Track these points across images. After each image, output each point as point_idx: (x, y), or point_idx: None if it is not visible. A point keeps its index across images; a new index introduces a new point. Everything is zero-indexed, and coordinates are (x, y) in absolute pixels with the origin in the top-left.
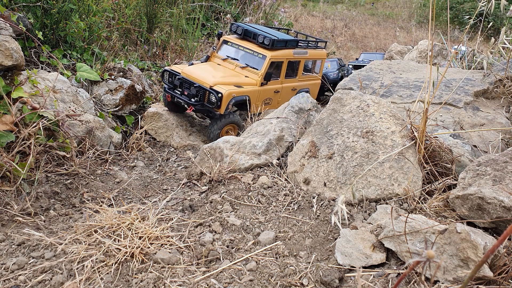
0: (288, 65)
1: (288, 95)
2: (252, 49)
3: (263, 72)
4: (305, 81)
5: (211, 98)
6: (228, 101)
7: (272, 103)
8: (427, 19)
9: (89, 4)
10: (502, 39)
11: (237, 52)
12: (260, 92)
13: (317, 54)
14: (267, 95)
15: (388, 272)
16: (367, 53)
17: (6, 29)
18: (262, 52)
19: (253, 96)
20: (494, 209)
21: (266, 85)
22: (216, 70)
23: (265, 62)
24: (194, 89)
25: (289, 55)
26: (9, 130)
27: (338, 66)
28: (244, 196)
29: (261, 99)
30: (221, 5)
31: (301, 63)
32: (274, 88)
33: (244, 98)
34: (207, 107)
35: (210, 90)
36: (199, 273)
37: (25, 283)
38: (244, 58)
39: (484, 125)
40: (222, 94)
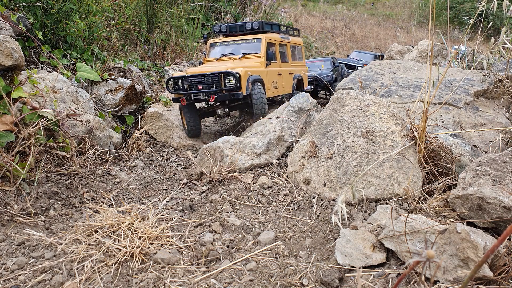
0: (280, 49)
1: (288, 79)
2: (244, 39)
3: (264, 53)
4: (296, 67)
5: (229, 82)
6: (246, 79)
7: (278, 87)
8: (427, 19)
9: (89, 4)
10: (502, 39)
11: (229, 48)
12: (268, 73)
13: (297, 41)
14: (273, 77)
15: (388, 272)
16: (358, 52)
17: (6, 29)
18: (255, 36)
19: (264, 76)
20: (494, 209)
21: (270, 66)
22: (219, 64)
23: (262, 43)
24: (208, 78)
25: (278, 38)
26: (9, 130)
27: (332, 66)
28: (244, 196)
29: (270, 80)
30: (221, 5)
31: (288, 47)
32: (277, 70)
33: (257, 77)
34: (228, 92)
35: (226, 73)
36: (199, 273)
37: (25, 283)
38: (238, 49)
39: (484, 125)
40: (239, 73)
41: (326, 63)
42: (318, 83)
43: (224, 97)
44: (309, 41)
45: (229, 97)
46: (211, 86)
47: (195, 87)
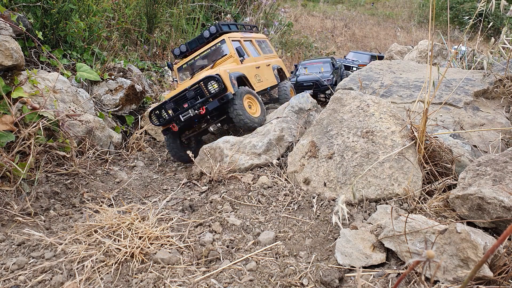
0: (246, 45)
1: (269, 71)
2: (207, 48)
3: (233, 51)
4: (271, 59)
5: (211, 86)
6: (228, 77)
7: (262, 80)
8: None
9: (89, 4)
10: (502, 39)
11: (198, 63)
12: (247, 68)
13: (260, 36)
14: (254, 72)
15: (388, 272)
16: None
17: (6, 29)
18: (217, 40)
19: (245, 71)
20: (494, 209)
21: (244, 61)
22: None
23: (227, 43)
24: (190, 92)
25: (241, 35)
26: (9, 130)
27: (332, 68)
28: (244, 196)
29: (252, 75)
30: (221, 5)
31: (254, 42)
32: (254, 64)
33: (239, 74)
34: (215, 97)
35: (205, 79)
36: (199, 273)
37: (25, 283)
38: (207, 60)
39: (484, 125)
40: (218, 73)
41: (325, 65)
42: (318, 87)
43: (214, 104)
44: (309, 41)
45: (220, 102)
46: (195, 97)
47: (180, 108)
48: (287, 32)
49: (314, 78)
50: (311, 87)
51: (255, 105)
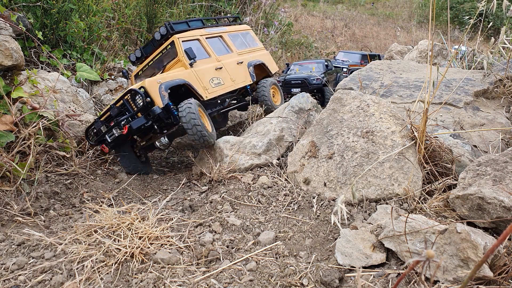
0: (210, 43)
1: (238, 70)
2: (159, 51)
3: (182, 53)
4: (249, 53)
5: (137, 100)
6: (157, 89)
7: (225, 82)
8: (427, 19)
9: (89, 4)
10: (502, 39)
11: (151, 71)
12: (197, 73)
13: (241, 28)
14: (209, 75)
15: (388, 272)
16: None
17: (6, 29)
18: (166, 44)
19: (191, 78)
20: (494, 209)
21: (197, 64)
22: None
23: (176, 45)
24: (114, 110)
25: (202, 33)
26: (9, 130)
27: (324, 69)
28: (244, 196)
29: (205, 80)
30: (221, 5)
31: (226, 37)
32: (213, 66)
33: (177, 81)
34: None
35: (129, 92)
36: (199, 273)
37: (25, 283)
38: (160, 64)
39: (484, 125)
40: (143, 86)
41: (318, 66)
42: (306, 86)
43: (140, 122)
44: (309, 41)
45: (146, 118)
46: (121, 114)
47: (108, 123)
48: (287, 32)
49: (302, 76)
50: (299, 85)
51: (204, 117)
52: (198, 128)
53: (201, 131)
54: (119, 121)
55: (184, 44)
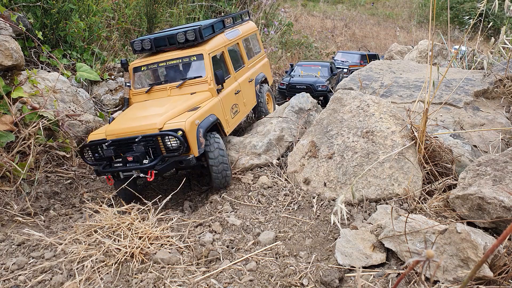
0: (230, 54)
1: (250, 91)
2: (178, 57)
3: (211, 75)
4: (255, 65)
5: (170, 144)
6: (195, 133)
7: (240, 110)
8: (427, 19)
9: (89, 4)
10: (502, 39)
11: (161, 72)
12: (224, 102)
13: (249, 29)
14: (231, 102)
15: (388, 272)
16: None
17: (6, 29)
18: (194, 52)
19: (219, 111)
20: (494, 209)
21: (223, 89)
22: (151, 107)
23: (205, 61)
24: (140, 146)
25: (225, 41)
26: (9, 130)
27: (329, 74)
28: (244, 196)
29: (227, 110)
30: (221, 5)
31: (241, 45)
32: (234, 89)
33: (211, 120)
34: (172, 156)
35: (163, 133)
36: (199, 273)
37: (25, 283)
38: (174, 73)
39: (484, 125)
40: (183, 129)
41: (323, 70)
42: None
43: (168, 168)
44: (309, 41)
45: (176, 165)
46: (146, 155)
47: (122, 157)
48: (287, 32)
49: (308, 81)
50: (303, 90)
51: None
52: (225, 167)
53: (226, 171)
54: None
55: (214, 62)
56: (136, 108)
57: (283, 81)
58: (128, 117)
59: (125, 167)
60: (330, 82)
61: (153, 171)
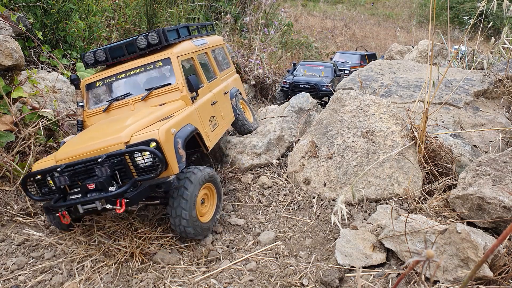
0: (201, 64)
1: (226, 104)
2: (141, 64)
3: (183, 80)
4: (227, 79)
5: (142, 161)
6: (173, 144)
7: (219, 123)
8: (427, 19)
9: (89, 4)
10: (502, 39)
11: (121, 85)
12: (200, 112)
13: (216, 41)
14: (209, 113)
15: (388, 272)
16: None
17: (6, 29)
18: (159, 56)
19: (196, 121)
20: (494, 209)
21: (198, 97)
22: (111, 124)
23: (174, 65)
24: (103, 169)
25: (194, 48)
26: (9, 130)
27: (332, 75)
28: (245, 196)
29: (206, 122)
30: (221, 5)
31: (210, 56)
32: (210, 99)
33: (190, 130)
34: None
35: (131, 149)
36: (199, 273)
37: (25, 283)
38: (137, 85)
39: (484, 125)
40: (157, 139)
41: (326, 70)
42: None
43: (143, 194)
44: (309, 41)
45: (153, 190)
46: (110, 178)
47: (80, 184)
48: (287, 32)
49: (312, 80)
50: (308, 90)
51: (212, 198)
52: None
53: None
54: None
55: (183, 67)
56: (93, 128)
57: (286, 79)
58: (84, 137)
59: (86, 198)
60: (333, 84)
61: (123, 199)
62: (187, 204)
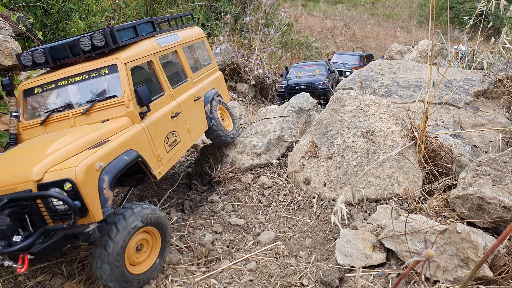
0: (164, 65)
1: (195, 113)
2: (84, 71)
3: (130, 93)
4: (204, 79)
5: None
6: (96, 183)
7: (181, 139)
8: (427, 19)
9: (89, 4)
10: (502, 39)
11: (60, 93)
12: (151, 131)
13: (193, 35)
14: (166, 129)
15: (388, 272)
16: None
17: (6, 29)
18: (104, 62)
19: (143, 144)
20: (494, 209)
21: (149, 112)
22: (33, 148)
23: (120, 74)
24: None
25: (155, 48)
26: None
27: (326, 72)
28: (245, 196)
29: (159, 142)
30: (221, 5)
31: (180, 54)
32: (170, 111)
33: (127, 160)
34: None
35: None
36: (199, 273)
37: (25, 283)
38: (79, 95)
39: (484, 125)
40: (72, 179)
41: (320, 68)
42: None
43: (56, 247)
44: (309, 41)
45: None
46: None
47: None
48: (287, 32)
49: (307, 80)
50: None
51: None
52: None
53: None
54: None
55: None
56: (17, 149)
57: (281, 84)
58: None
59: None
60: (329, 80)
61: (26, 255)
62: (109, 257)
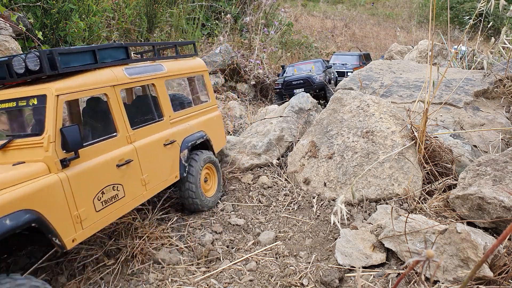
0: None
1: (160, 160)
2: (13, 97)
3: (54, 133)
4: (191, 119)
5: None
6: None
7: (127, 194)
8: (427, 19)
9: (89, 4)
10: (502, 39)
11: None
12: (72, 184)
13: (190, 67)
14: (102, 182)
15: (388, 272)
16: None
17: (6, 29)
18: (34, 91)
19: (52, 202)
20: (494, 209)
21: (78, 159)
22: None
23: (47, 107)
24: None
25: (119, 79)
26: None
27: (323, 68)
28: (245, 196)
29: (83, 199)
30: (221, 5)
31: (159, 89)
32: (116, 158)
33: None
34: None
35: None
36: (199, 273)
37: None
38: (6, 123)
39: (484, 125)
40: None
41: (316, 64)
42: (309, 85)
43: None
44: (309, 41)
45: None
46: None
47: None
48: (287, 32)
49: (304, 76)
50: (301, 85)
51: None
52: None
53: None
54: None
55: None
56: None
57: (277, 81)
58: None
59: None
60: (326, 75)
61: None
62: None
